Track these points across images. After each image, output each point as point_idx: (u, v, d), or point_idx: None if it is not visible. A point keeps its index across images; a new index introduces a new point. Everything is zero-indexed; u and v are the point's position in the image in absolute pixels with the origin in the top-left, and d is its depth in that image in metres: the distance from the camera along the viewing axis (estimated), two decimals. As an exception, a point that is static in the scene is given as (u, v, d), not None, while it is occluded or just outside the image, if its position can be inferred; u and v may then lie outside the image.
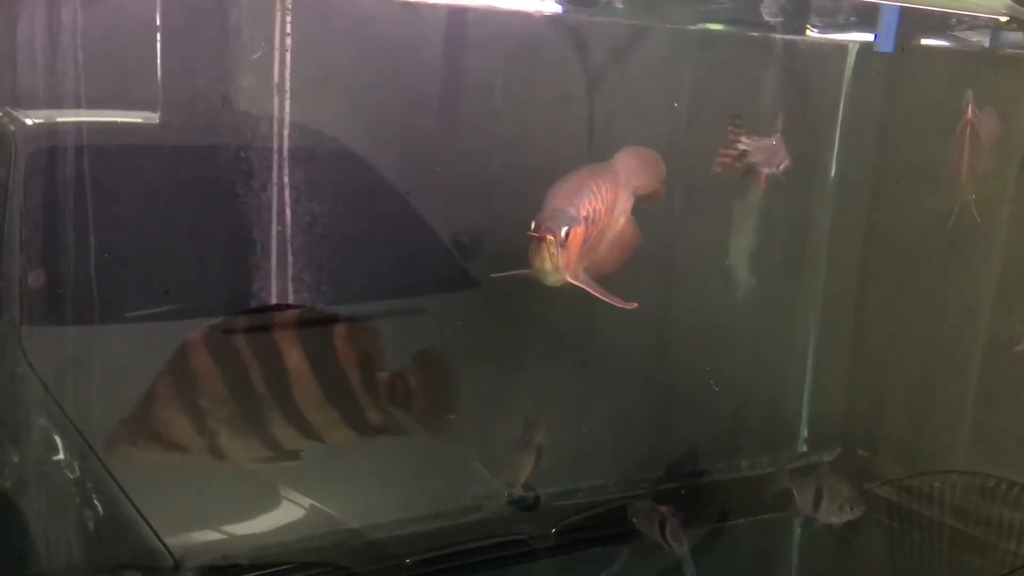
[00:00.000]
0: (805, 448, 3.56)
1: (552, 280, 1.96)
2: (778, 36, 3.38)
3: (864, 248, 3.42)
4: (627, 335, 3.16)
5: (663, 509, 2.68)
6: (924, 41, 3.30)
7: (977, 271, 3.09)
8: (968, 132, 2.67)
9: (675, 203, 3.47)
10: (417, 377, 2.14)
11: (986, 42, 3.20)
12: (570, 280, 1.99)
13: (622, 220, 2.24)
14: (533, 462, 2.61)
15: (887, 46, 3.20)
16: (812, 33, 3.47)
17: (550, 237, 1.89)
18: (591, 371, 3.27)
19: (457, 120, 3.34)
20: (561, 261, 1.92)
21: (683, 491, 3.02)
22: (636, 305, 2.06)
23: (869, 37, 3.37)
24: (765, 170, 2.78)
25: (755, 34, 3.57)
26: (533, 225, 1.91)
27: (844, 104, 3.49)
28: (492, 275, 2.10)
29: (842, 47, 3.51)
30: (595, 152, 3.41)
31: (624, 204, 2.26)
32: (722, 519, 3.08)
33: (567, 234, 1.91)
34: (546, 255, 1.90)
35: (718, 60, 3.52)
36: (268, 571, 2.36)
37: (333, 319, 2.13)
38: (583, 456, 2.92)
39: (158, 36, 2.78)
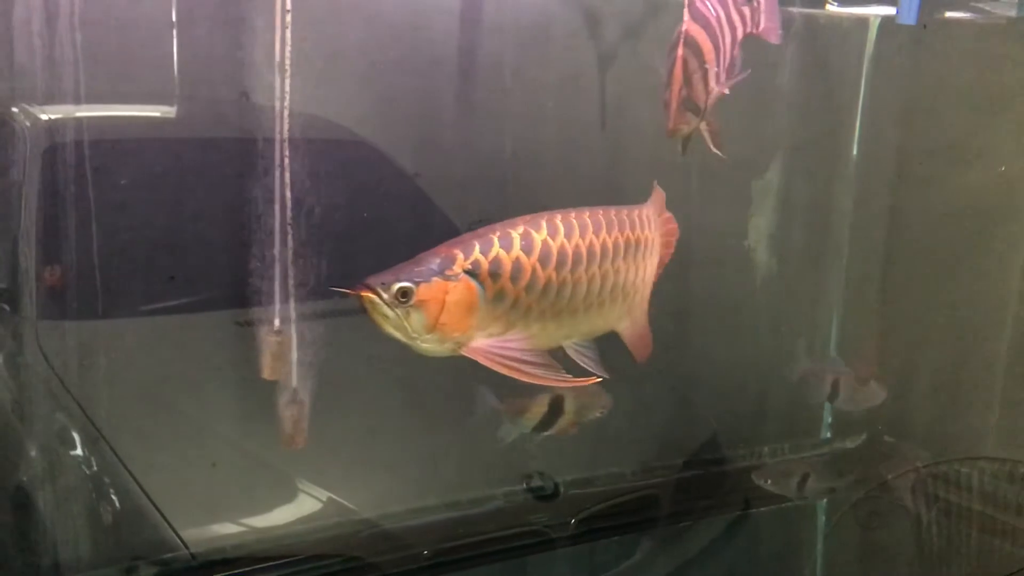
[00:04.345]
0: (829, 434, 3.50)
1: (426, 349, 1.51)
2: (796, 10, 3.30)
3: (888, 230, 3.34)
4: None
5: None
6: (948, 14, 3.21)
7: (1006, 253, 3.01)
8: (680, 48, 1.87)
9: (692, 184, 3.40)
10: None
11: (1012, 12, 3.11)
12: (466, 353, 1.54)
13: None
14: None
15: (909, 19, 3.10)
16: (832, 7, 3.39)
17: (367, 295, 1.45)
18: (609, 358, 3.21)
19: (469, 101, 3.28)
20: (415, 324, 1.47)
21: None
22: (601, 379, 1.68)
23: (891, 11, 3.29)
24: None
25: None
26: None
27: (866, 81, 3.41)
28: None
29: (863, 21, 3.42)
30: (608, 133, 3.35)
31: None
32: (745, 507, 3.04)
33: (404, 292, 1.45)
34: (377, 316, 1.47)
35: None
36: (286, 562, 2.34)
37: None
38: (601, 443, 2.87)
39: (173, 31, 2.75)
